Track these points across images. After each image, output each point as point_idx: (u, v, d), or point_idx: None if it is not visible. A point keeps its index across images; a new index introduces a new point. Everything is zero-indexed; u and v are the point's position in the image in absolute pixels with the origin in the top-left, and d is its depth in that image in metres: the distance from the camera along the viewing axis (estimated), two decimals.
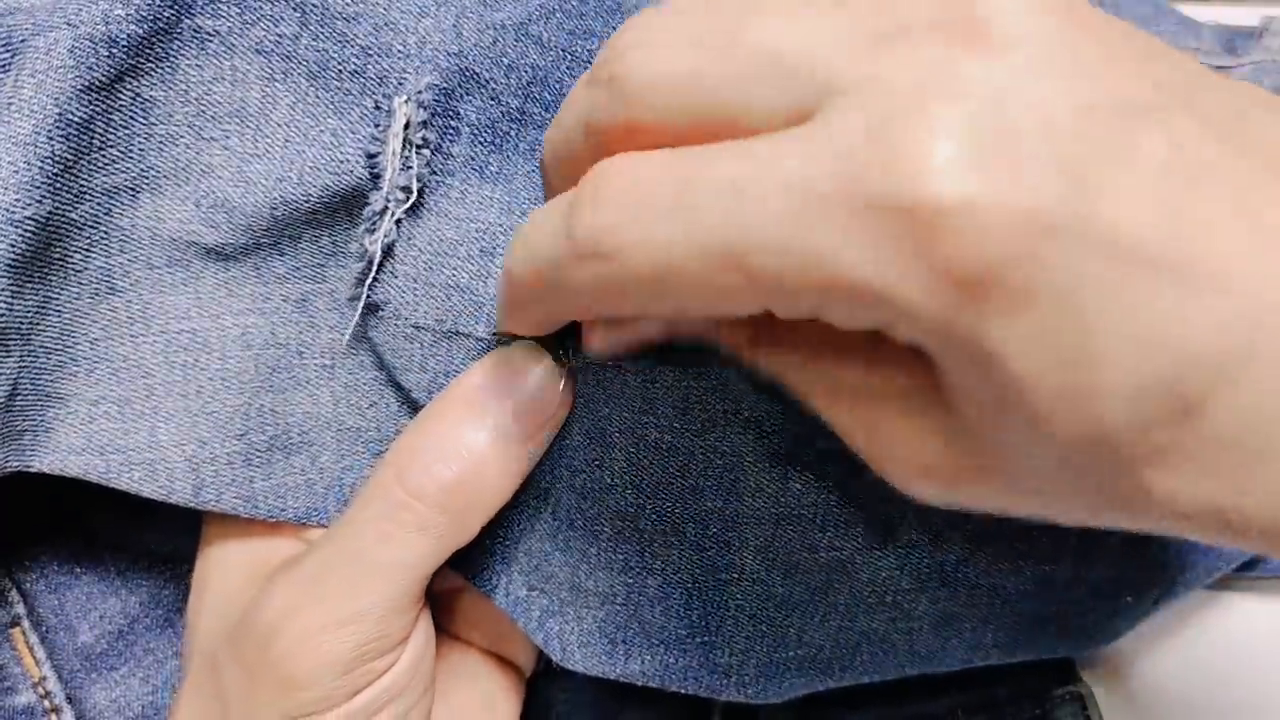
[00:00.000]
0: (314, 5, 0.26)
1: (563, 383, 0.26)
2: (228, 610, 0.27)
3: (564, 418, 0.27)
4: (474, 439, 0.25)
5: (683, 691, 0.29)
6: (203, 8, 0.26)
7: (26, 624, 0.31)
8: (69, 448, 0.26)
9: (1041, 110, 0.16)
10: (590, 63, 0.29)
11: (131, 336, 0.27)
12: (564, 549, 0.28)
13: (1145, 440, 0.17)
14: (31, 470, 0.26)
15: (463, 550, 0.27)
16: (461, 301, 0.27)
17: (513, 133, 0.28)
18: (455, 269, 0.27)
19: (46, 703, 0.30)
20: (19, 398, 0.25)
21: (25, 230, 0.24)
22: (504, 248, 0.27)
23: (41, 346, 0.25)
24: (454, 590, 0.30)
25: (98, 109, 0.25)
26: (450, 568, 0.27)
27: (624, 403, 0.27)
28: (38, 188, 0.24)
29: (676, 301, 0.19)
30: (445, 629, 0.30)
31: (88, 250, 0.26)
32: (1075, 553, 0.30)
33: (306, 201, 0.27)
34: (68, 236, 0.25)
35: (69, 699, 0.31)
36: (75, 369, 0.26)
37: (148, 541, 0.32)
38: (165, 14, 0.25)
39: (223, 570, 0.28)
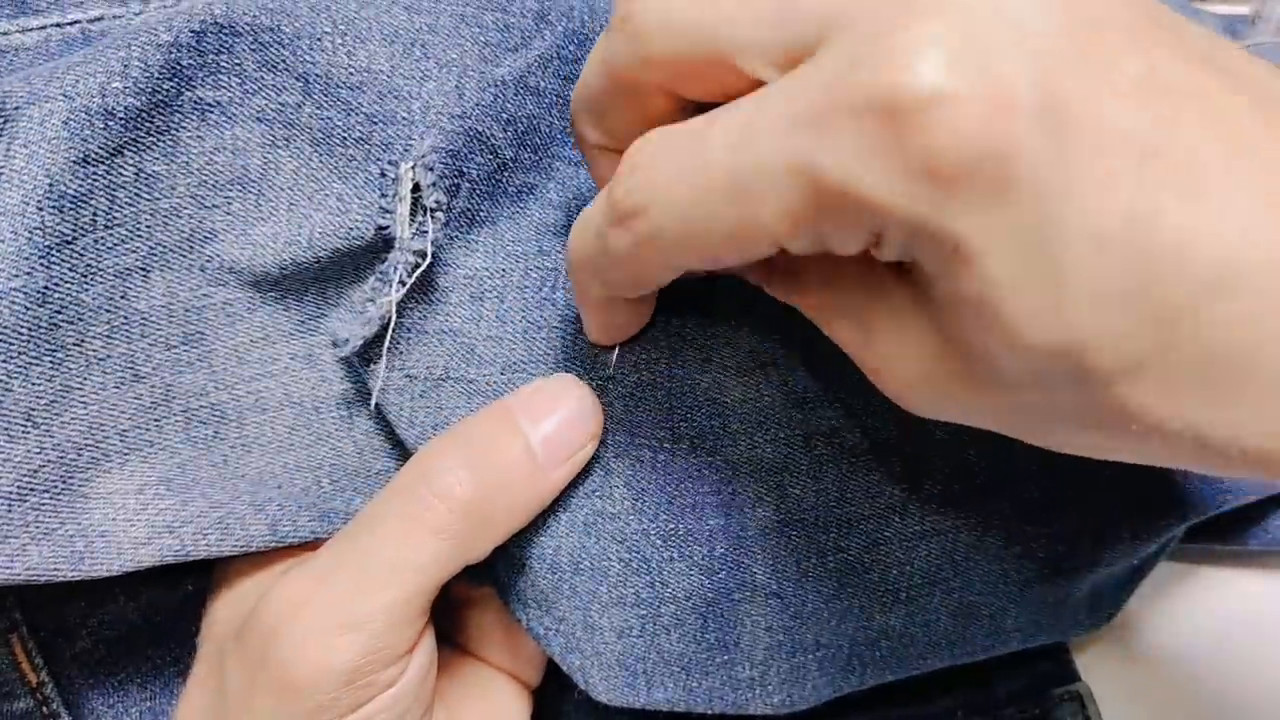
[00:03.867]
0: (317, 75, 0.26)
1: (596, 421, 0.27)
2: (240, 604, 0.27)
3: (592, 451, 0.27)
4: (503, 455, 0.25)
5: (710, 713, 0.29)
6: (204, 79, 0.25)
7: (24, 630, 0.30)
8: (135, 542, 0.26)
9: (1020, 23, 0.16)
10: None
11: (155, 421, 0.26)
12: (572, 593, 0.28)
13: (1118, 351, 0.17)
14: (99, 576, 0.25)
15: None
16: (454, 345, 0.27)
17: (503, 179, 0.28)
18: (448, 315, 0.27)
19: (44, 709, 0.31)
20: (46, 494, 0.25)
21: (13, 302, 0.23)
22: (491, 291, 0.27)
23: (70, 442, 0.25)
24: (461, 603, 0.30)
25: (98, 184, 0.24)
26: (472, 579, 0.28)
27: (614, 425, 0.27)
28: (26, 259, 0.23)
29: (700, 251, 0.20)
30: (453, 642, 0.30)
31: (109, 337, 0.25)
32: (1091, 535, 0.29)
33: (316, 263, 0.27)
34: (82, 320, 0.25)
35: (67, 705, 0.31)
36: (109, 464, 0.26)
37: None
38: (165, 87, 0.25)
39: (240, 563, 0.28)
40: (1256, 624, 0.36)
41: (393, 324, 0.26)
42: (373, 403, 0.27)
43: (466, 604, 0.30)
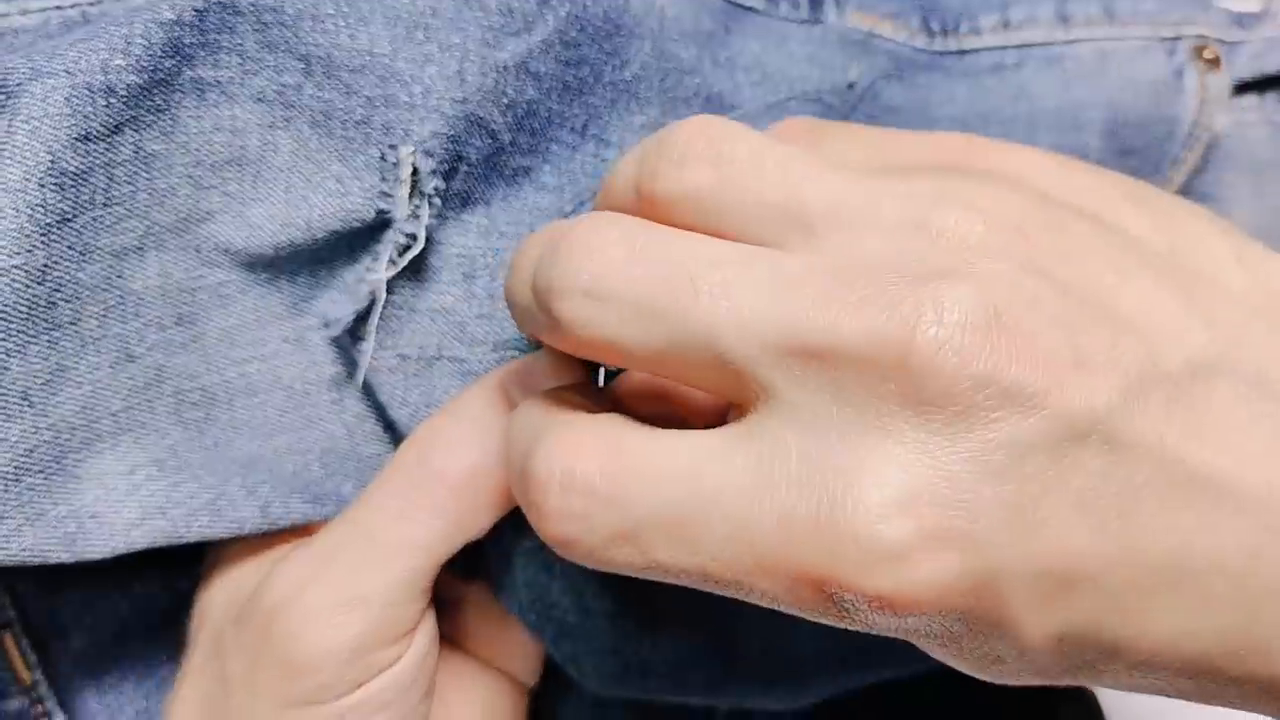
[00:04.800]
0: (319, 57, 0.26)
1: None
2: (237, 590, 0.27)
3: None
4: (497, 430, 0.25)
5: (705, 704, 0.29)
6: (204, 58, 0.25)
7: (17, 628, 0.30)
8: (126, 523, 0.25)
9: (973, 475, 0.17)
10: (580, 90, 0.29)
11: (147, 402, 0.26)
12: (563, 577, 0.28)
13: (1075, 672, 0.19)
14: (91, 560, 0.25)
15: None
16: (445, 323, 0.27)
17: (499, 161, 0.28)
18: (440, 293, 0.27)
19: (38, 708, 0.30)
20: (41, 475, 0.24)
21: (14, 279, 0.23)
22: (483, 270, 0.27)
23: (64, 422, 0.25)
24: (453, 599, 0.30)
25: (97, 161, 0.24)
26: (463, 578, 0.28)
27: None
28: (27, 236, 0.23)
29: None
30: (446, 638, 0.29)
31: (104, 317, 0.25)
32: None
33: (312, 245, 0.27)
34: (78, 299, 0.24)
35: (60, 704, 0.30)
36: (101, 446, 0.25)
37: None
38: (166, 65, 0.24)
39: (236, 548, 0.28)
40: None
41: (381, 300, 0.26)
42: (359, 379, 0.27)
43: (458, 600, 0.30)
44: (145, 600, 0.32)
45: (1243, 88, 0.36)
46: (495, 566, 0.28)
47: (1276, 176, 0.36)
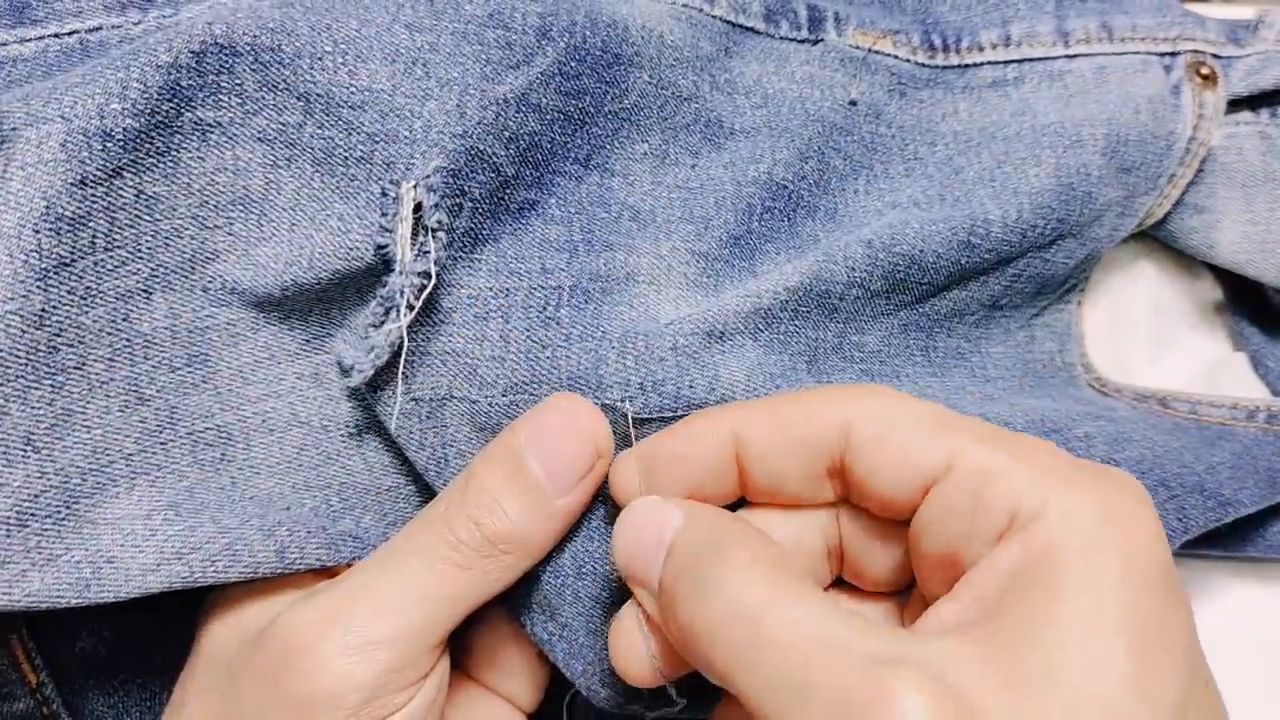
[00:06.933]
0: (319, 95, 0.26)
1: (600, 439, 0.27)
2: (244, 624, 0.27)
3: (604, 469, 0.27)
4: (515, 498, 0.26)
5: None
6: (204, 100, 0.25)
7: (25, 631, 0.31)
8: (142, 568, 0.25)
9: None
10: (581, 121, 0.29)
11: (161, 444, 0.26)
12: (575, 598, 0.28)
13: None
14: (105, 602, 0.25)
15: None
16: (456, 366, 0.27)
17: (504, 197, 0.28)
18: (450, 335, 0.27)
19: (44, 709, 0.31)
20: (49, 520, 0.24)
21: (9, 325, 0.23)
22: (496, 311, 0.27)
23: (73, 466, 0.25)
24: (459, 625, 0.30)
25: (97, 206, 0.24)
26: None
27: (620, 433, 0.27)
28: (22, 282, 0.23)
29: None
30: (451, 661, 0.30)
31: (111, 360, 0.25)
32: None
33: (317, 284, 0.27)
34: (82, 343, 0.25)
35: (67, 705, 0.31)
36: (116, 489, 0.26)
37: None
38: (164, 108, 0.25)
39: (242, 587, 0.28)
40: (1256, 629, 0.36)
41: (405, 349, 0.26)
42: (393, 427, 0.27)
43: (464, 626, 0.30)
44: (151, 602, 0.32)
45: (1236, 103, 0.36)
46: (511, 593, 0.28)
47: (1267, 189, 0.37)
